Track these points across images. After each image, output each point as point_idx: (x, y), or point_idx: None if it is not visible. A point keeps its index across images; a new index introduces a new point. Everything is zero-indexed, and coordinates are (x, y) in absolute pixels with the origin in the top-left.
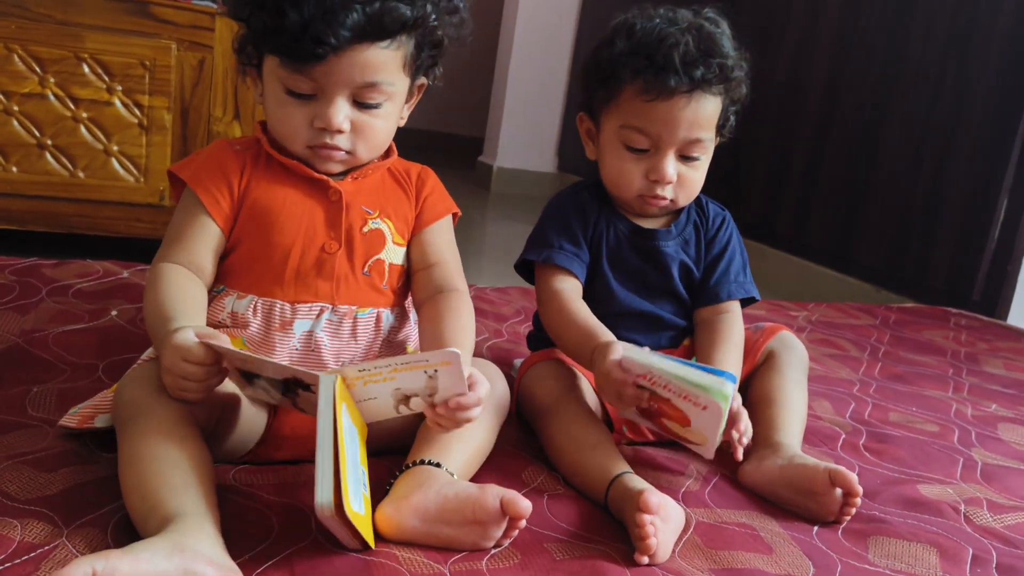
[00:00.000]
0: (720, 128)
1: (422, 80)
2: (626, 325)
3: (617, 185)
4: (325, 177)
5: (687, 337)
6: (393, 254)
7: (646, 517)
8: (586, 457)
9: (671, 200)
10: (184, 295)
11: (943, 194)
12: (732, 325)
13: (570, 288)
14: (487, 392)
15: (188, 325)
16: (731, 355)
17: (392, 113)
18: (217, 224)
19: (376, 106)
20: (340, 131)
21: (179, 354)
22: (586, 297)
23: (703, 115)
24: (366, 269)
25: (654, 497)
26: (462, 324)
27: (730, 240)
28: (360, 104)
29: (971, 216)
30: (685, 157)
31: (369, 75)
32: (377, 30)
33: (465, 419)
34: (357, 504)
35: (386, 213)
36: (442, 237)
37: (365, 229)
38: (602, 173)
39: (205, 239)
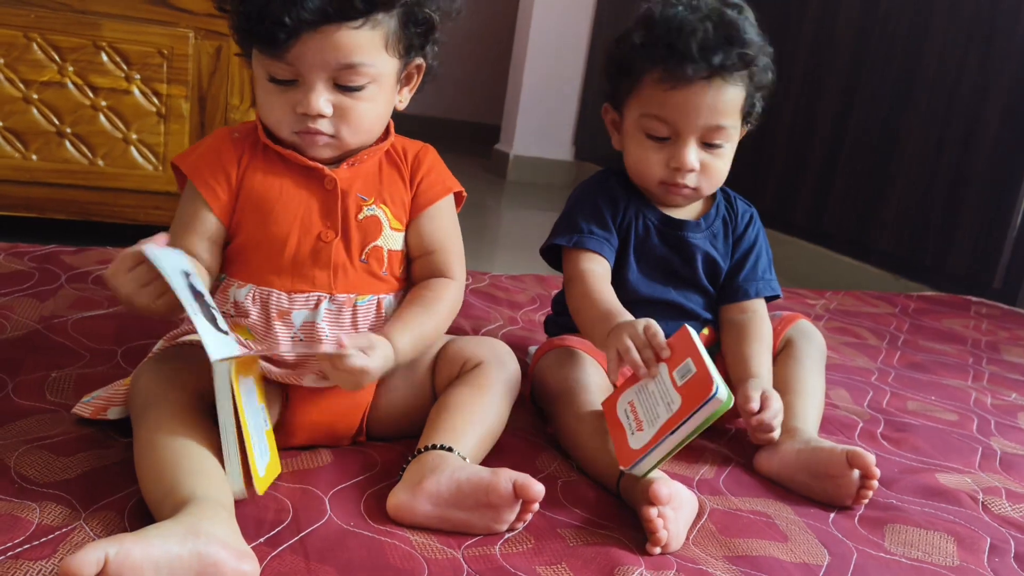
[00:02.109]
0: (746, 116)
1: (419, 61)
2: (645, 313)
3: (640, 174)
4: (320, 166)
5: (708, 326)
6: (391, 240)
7: (653, 511)
8: (598, 444)
9: (694, 188)
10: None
11: (963, 181)
12: (761, 324)
13: (599, 270)
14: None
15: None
16: (764, 355)
17: (378, 96)
18: (215, 215)
19: (358, 88)
20: (321, 115)
21: (118, 266)
22: (615, 285)
23: (724, 102)
24: (363, 256)
25: (664, 488)
26: (426, 304)
27: (757, 238)
28: (341, 87)
29: (992, 204)
30: (708, 144)
31: (344, 56)
32: (344, 9)
33: (348, 364)
34: (263, 466)
35: (382, 199)
36: (439, 222)
37: (360, 216)
38: (626, 162)
39: (203, 232)
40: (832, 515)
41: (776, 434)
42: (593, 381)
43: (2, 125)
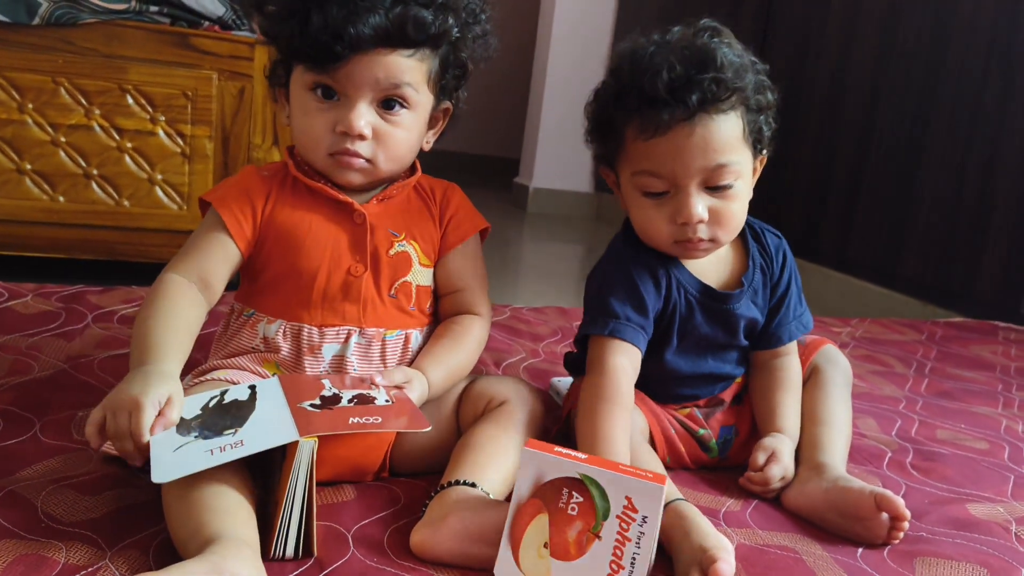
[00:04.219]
0: (756, 144)
1: (447, 104)
2: (682, 384)
3: (649, 238)
4: (350, 200)
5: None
6: (420, 276)
7: None
8: None
9: (710, 240)
10: (177, 323)
11: (988, 205)
12: (791, 368)
13: (629, 368)
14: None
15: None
16: (792, 405)
17: (414, 126)
18: (236, 245)
19: (399, 109)
20: (362, 136)
21: (128, 408)
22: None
23: (719, 138)
24: (392, 291)
25: (728, 568)
26: (456, 339)
27: (790, 276)
28: (382, 107)
29: (1018, 227)
30: (713, 188)
31: (392, 76)
32: (399, 35)
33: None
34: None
35: (412, 235)
36: (467, 260)
37: (391, 252)
38: (634, 227)
39: (220, 255)
40: (860, 549)
41: (770, 490)
42: (639, 429)
43: (30, 168)
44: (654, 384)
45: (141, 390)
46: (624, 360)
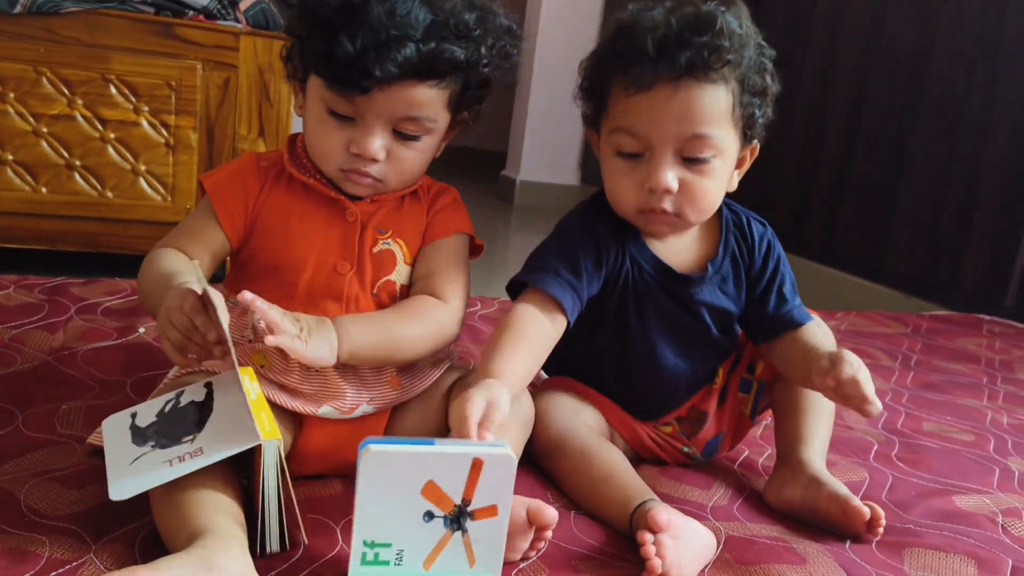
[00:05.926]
0: (746, 128)
1: (463, 115)
2: (662, 388)
3: (616, 201)
4: (342, 197)
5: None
6: (404, 275)
7: (648, 536)
8: (600, 491)
9: (676, 214)
10: (185, 264)
11: (974, 199)
12: (817, 327)
13: (538, 313)
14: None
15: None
16: (825, 337)
17: (429, 147)
18: (226, 236)
19: (415, 139)
20: (375, 160)
21: (177, 301)
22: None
23: (701, 107)
24: (375, 290)
25: (662, 514)
26: (399, 309)
27: (778, 266)
28: (399, 135)
29: (1003, 221)
30: (689, 160)
31: (413, 110)
32: (428, 70)
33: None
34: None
35: (399, 234)
36: (444, 252)
37: (375, 249)
38: (605, 189)
39: (209, 243)
40: (848, 541)
41: (873, 408)
42: (581, 426)
43: (12, 159)
44: (635, 393)
45: (177, 287)
46: (533, 305)
